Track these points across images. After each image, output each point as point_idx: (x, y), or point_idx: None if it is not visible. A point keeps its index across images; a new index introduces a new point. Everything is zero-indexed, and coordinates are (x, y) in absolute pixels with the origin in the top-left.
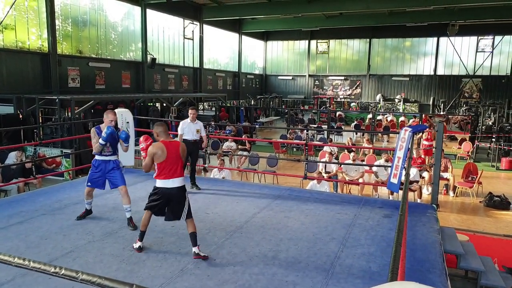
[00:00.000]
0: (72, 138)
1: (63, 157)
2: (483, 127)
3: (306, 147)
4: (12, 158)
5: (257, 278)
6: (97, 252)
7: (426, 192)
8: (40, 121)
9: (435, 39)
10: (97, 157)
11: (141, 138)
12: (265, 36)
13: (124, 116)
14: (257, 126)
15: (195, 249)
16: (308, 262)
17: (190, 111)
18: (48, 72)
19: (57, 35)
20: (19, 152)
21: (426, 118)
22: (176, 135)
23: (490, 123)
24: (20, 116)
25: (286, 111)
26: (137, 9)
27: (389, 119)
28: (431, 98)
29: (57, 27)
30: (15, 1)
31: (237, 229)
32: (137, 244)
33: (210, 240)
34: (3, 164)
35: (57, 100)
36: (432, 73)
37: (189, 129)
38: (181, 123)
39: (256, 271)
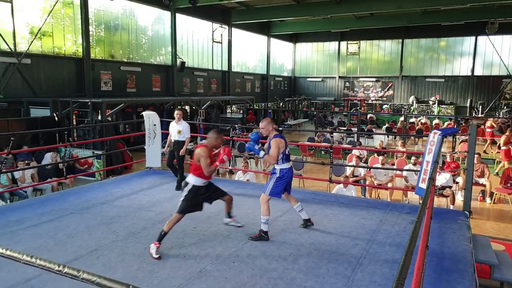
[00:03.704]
0: (103, 140)
1: (94, 158)
2: None
3: (331, 150)
4: (48, 158)
5: (275, 282)
6: (120, 252)
7: (460, 198)
8: (74, 123)
9: (473, 38)
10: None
11: (222, 151)
12: (294, 38)
13: (151, 119)
14: (282, 128)
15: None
16: (328, 267)
17: (175, 111)
18: (82, 76)
19: (90, 40)
20: (54, 153)
21: (493, 121)
22: (204, 138)
23: None
24: (56, 119)
25: (315, 113)
26: (167, 14)
27: (422, 121)
28: (469, 100)
29: (90, 32)
30: (52, 9)
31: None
32: None
33: (230, 242)
34: (39, 164)
35: (89, 103)
36: (469, 73)
37: (173, 129)
38: (170, 123)
39: (274, 275)
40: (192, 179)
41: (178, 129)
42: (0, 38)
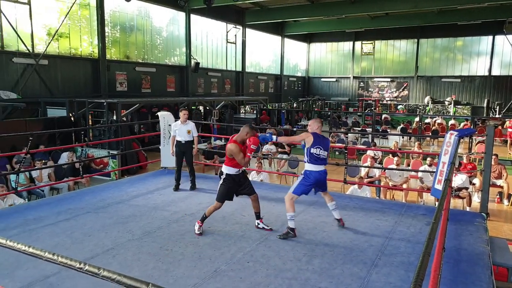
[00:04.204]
0: (118, 140)
1: (110, 158)
2: None
3: (346, 151)
4: (64, 158)
5: (289, 282)
6: (136, 250)
7: (477, 199)
8: (90, 123)
9: (490, 37)
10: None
11: (248, 141)
12: (308, 38)
13: (166, 119)
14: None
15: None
16: (343, 268)
17: (181, 112)
18: (97, 76)
19: (106, 41)
20: (70, 153)
21: None
22: (219, 138)
23: None
24: (72, 119)
25: (329, 113)
26: (181, 15)
27: (438, 122)
28: (486, 100)
29: (106, 33)
30: (69, 11)
31: (272, 232)
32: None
33: (245, 242)
34: (56, 164)
35: (104, 103)
36: (486, 73)
37: (180, 130)
38: (172, 125)
39: (289, 276)
40: (226, 169)
41: (188, 129)
42: (18, 39)
